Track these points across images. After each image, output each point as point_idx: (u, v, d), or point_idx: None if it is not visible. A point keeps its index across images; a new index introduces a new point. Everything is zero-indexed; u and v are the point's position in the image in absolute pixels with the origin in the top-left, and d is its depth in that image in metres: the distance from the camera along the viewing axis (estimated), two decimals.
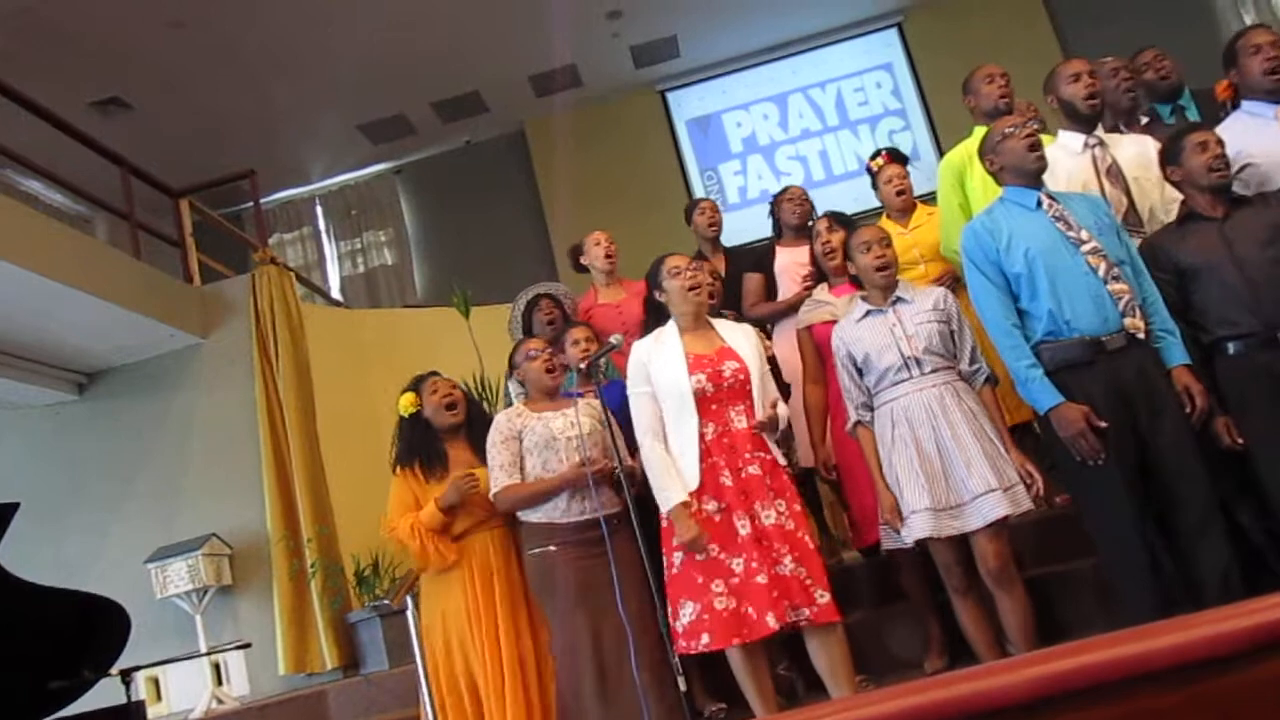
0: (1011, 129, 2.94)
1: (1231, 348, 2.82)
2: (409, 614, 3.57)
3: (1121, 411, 2.74)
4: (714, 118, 9.51)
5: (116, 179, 5.98)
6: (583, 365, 3.27)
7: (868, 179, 4.36)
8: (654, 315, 3.35)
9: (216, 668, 5.11)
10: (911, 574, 3.42)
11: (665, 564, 2.99)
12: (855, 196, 7.66)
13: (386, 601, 4.68)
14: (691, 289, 3.12)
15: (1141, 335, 2.78)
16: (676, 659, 2.80)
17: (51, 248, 4.75)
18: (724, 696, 3.40)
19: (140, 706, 3.39)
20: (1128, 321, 2.77)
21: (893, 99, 9.33)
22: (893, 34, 9.36)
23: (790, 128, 9.43)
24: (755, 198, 9.16)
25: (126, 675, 3.28)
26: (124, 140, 6.46)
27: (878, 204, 4.40)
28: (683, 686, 2.78)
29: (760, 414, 3.04)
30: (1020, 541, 3.23)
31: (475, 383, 5.07)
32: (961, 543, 2.94)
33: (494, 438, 3.26)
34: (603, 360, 3.75)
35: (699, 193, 9.18)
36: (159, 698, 5.13)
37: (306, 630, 5.17)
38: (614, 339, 3.39)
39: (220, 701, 4.95)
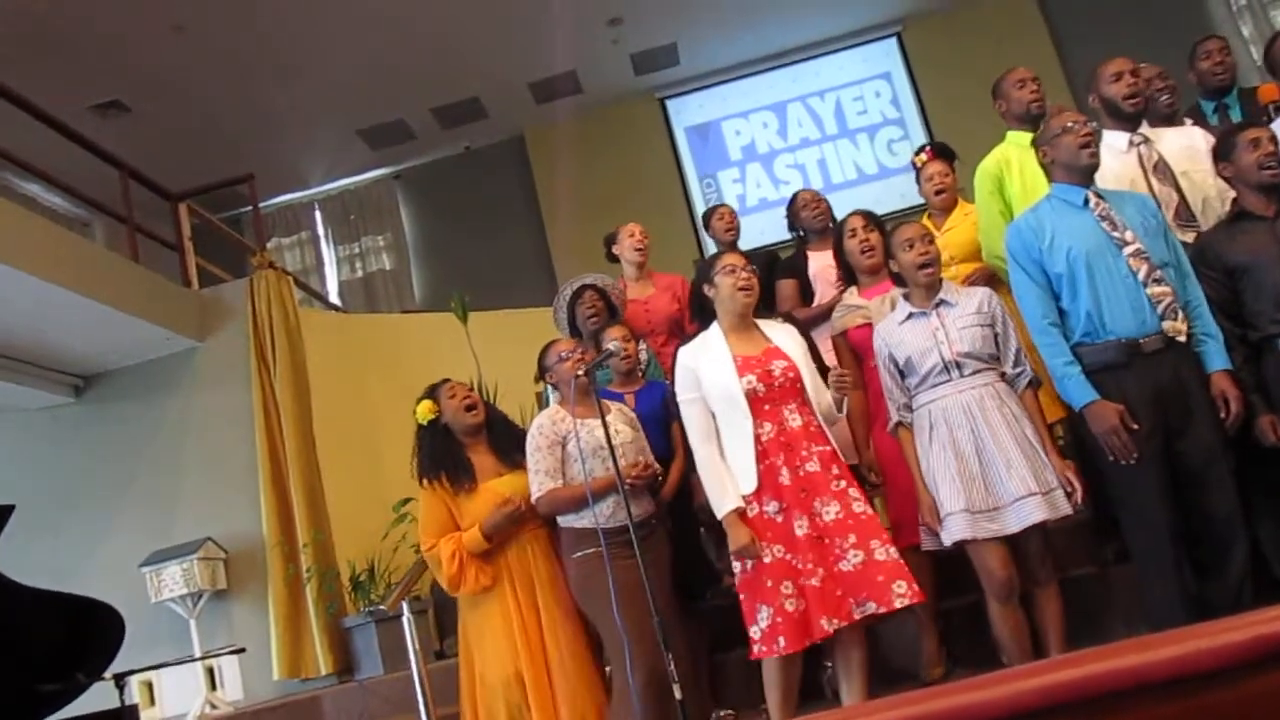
0: (1071, 125, 2.93)
1: None
2: (404, 619, 3.56)
3: (1156, 414, 2.76)
4: (713, 125, 9.53)
5: (115, 182, 5.97)
6: (580, 374, 3.24)
7: (867, 188, 4.37)
8: (699, 310, 3.33)
9: (210, 672, 5.10)
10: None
11: (738, 567, 2.96)
12: (855, 205, 7.66)
13: (382, 607, 4.66)
14: (743, 289, 3.09)
15: (1182, 338, 2.78)
16: (672, 667, 2.78)
17: (49, 251, 4.75)
18: (730, 703, 3.40)
19: (133, 711, 3.38)
20: (1167, 325, 2.77)
21: (891, 108, 9.36)
22: (892, 43, 9.40)
23: (789, 136, 9.45)
24: (754, 206, 9.17)
25: (120, 679, 3.28)
26: (123, 143, 6.47)
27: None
28: (678, 695, 2.76)
29: (822, 404, 3.05)
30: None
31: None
32: (1007, 548, 2.91)
33: (537, 442, 3.23)
34: (647, 360, 3.74)
35: (698, 200, 9.21)
36: (152, 702, 5.12)
37: (301, 635, 5.15)
38: (611, 346, 3.38)
39: (214, 706, 4.94)
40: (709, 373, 3.03)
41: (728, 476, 2.96)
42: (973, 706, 1.13)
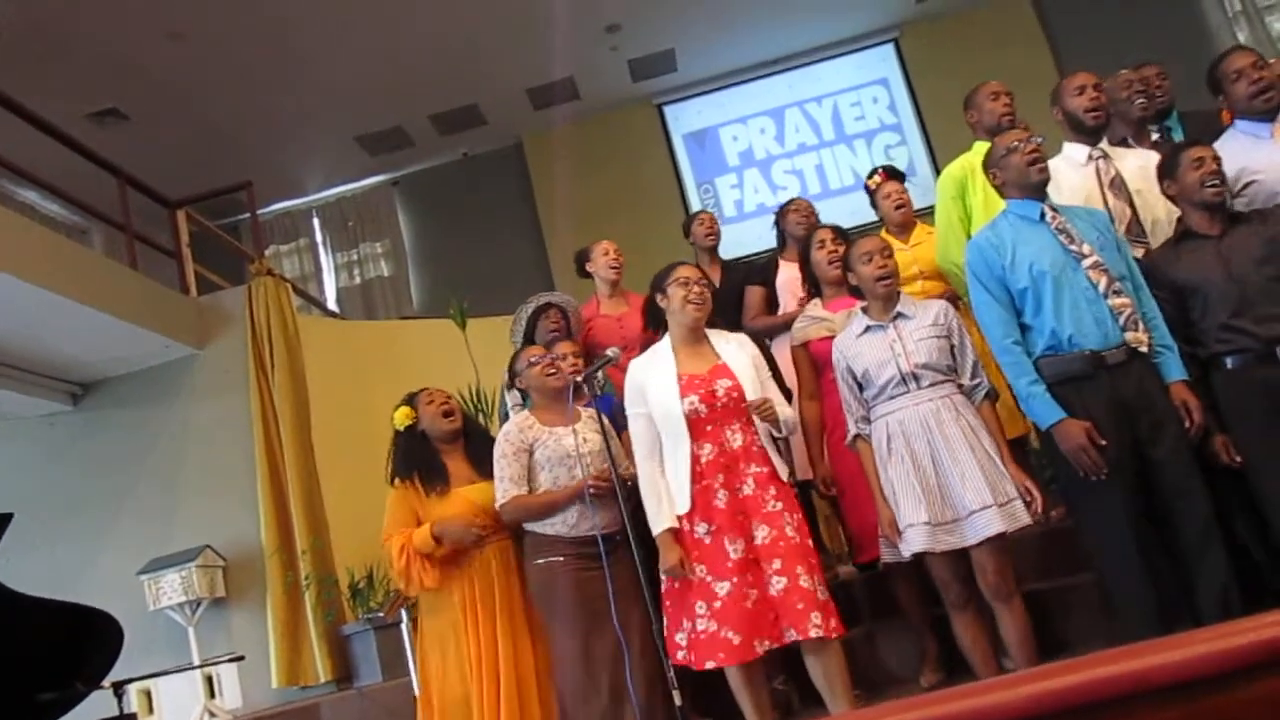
0: (1016, 144, 2.95)
1: (1229, 362, 2.83)
2: (403, 627, 3.57)
3: (1121, 426, 2.75)
4: (711, 131, 9.54)
5: (113, 190, 5.97)
6: (579, 379, 3.26)
7: (864, 193, 4.37)
8: (652, 318, 3.33)
9: (209, 680, 5.08)
10: (907, 589, 3.41)
11: (664, 579, 2.99)
12: (851, 211, 7.67)
13: (380, 614, 4.67)
14: (693, 304, 3.09)
15: (1144, 349, 2.79)
16: (672, 674, 2.79)
17: (47, 258, 4.75)
18: (715, 713, 3.40)
19: (132, 719, 3.38)
20: (1129, 335, 2.77)
21: (889, 114, 9.37)
22: (889, 50, 9.41)
23: (787, 142, 9.46)
24: (752, 211, 9.18)
25: (118, 688, 3.28)
26: (121, 151, 6.45)
27: (874, 218, 4.42)
28: (678, 700, 2.77)
29: (783, 414, 3.03)
30: (1019, 556, 3.22)
31: (471, 395, 5.07)
32: (958, 558, 2.93)
33: (504, 448, 3.24)
34: (600, 374, 3.74)
35: (695, 206, 9.20)
36: (151, 710, 5.11)
37: (300, 643, 5.15)
38: (611, 352, 3.37)
39: (213, 714, 4.92)
40: (654, 390, 3.04)
41: (665, 495, 2.97)
42: (969, 712, 1.13)
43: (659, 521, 2.95)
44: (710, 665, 2.84)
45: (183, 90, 7.51)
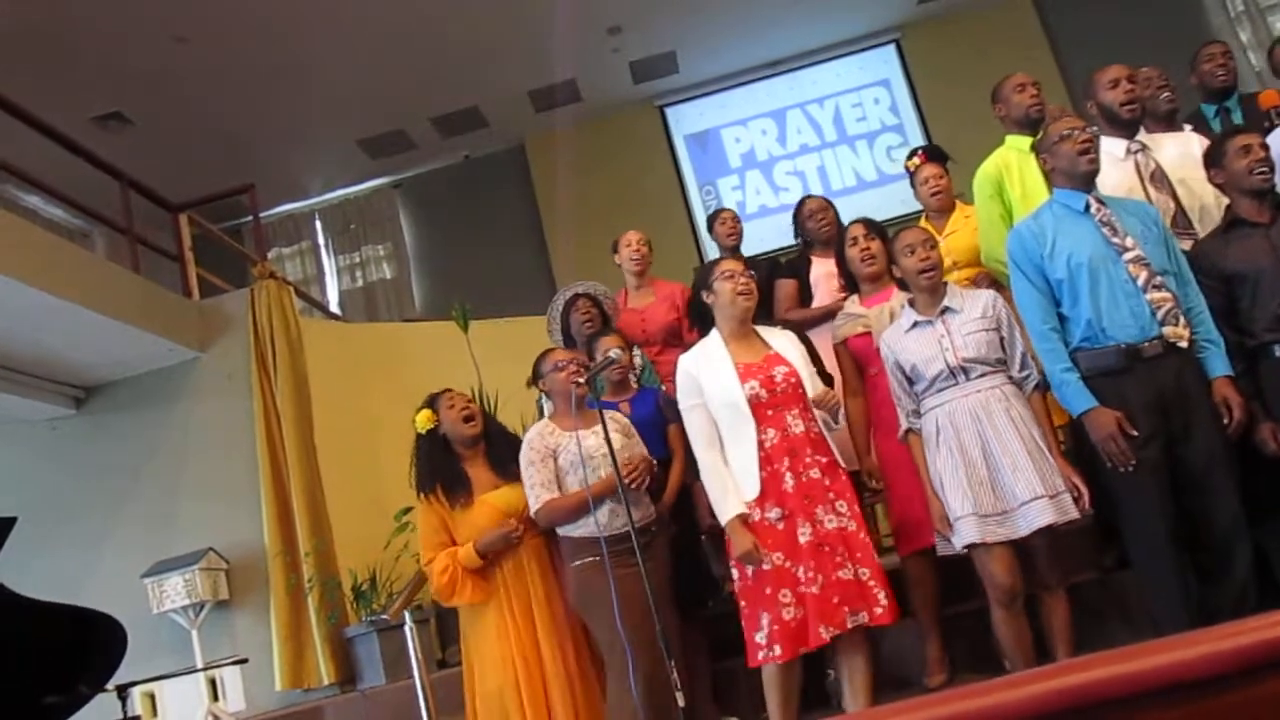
0: (1069, 132, 2.93)
1: (1278, 350, 2.83)
2: (406, 629, 3.56)
3: (1157, 420, 2.74)
4: (712, 133, 9.55)
5: (116, 193, 5.97)
6: (580, 382, 3.24)
7: (867, 194, 4.38)
8: (698, 317, 3.34)
9: (213, 683, 5.08)
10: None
11: (737, 575, 2.99)
12: (855, 212, 7.63)
13: (384, 616, 4.66)
14: (742, 294, 3.10)
15: (1184, 344, 2.77)
16: (675, 675, 2.78)
17: (50, 262, 4.75)
18: (735, 710, 3.40)
19: None
20: (1167, 330, 2.76)
21: (890, 115, 9.37)
22: (890, 50, 9.42)
23: (788, 143, 9.47)
24: (754, 213, 9.18)
25: (122, 691, 3.27)
26: (124, 155, 6.47)
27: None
28: (681, 702, 2.76)
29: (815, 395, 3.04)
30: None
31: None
32: (1014, 554, 2.91)
33: (530, 456, 3.24)
34: (642, 366, 3.74)
35: (698, 207, 9.23)
36: (155, 713, 5.10)
37: (303, 645, 5.14)
38: (612, 354, 3.38)
39: (216, 717, 4.92)
40: (711, 379, 3.04)
41: (730, 482, 2.97)
42: (975, 713, 1.13)
43: (726, 509, 2.93)
44: (802, 651, 2.84)
45: (185, 94, 7.53)
